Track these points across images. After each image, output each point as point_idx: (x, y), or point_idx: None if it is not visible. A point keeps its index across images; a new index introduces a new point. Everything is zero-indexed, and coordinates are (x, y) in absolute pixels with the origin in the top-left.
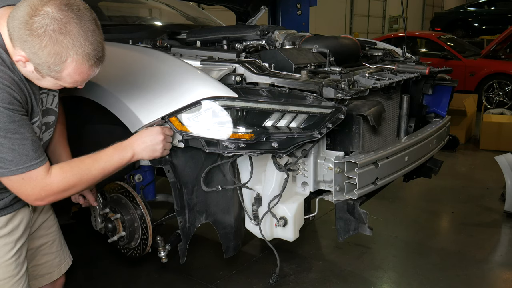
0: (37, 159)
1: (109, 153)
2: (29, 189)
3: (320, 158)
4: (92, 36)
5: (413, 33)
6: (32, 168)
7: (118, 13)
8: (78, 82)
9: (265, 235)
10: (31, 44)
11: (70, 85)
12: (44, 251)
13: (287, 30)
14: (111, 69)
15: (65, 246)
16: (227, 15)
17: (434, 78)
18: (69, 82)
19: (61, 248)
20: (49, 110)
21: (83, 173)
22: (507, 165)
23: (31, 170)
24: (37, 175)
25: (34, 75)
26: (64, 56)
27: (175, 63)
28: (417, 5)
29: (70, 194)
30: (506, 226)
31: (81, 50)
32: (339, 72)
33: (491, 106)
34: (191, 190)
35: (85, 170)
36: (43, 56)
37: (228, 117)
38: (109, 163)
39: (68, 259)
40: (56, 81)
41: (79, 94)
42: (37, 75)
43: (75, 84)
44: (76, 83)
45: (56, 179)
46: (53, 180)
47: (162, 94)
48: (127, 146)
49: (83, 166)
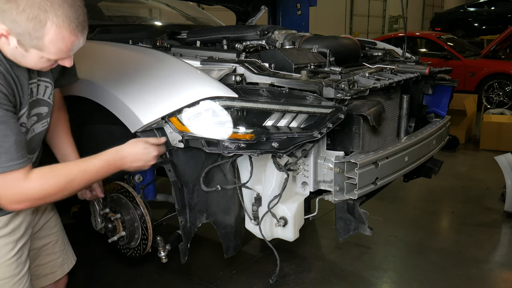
0: (19, 159)
1: (98, 166)
2: (4, 190)
3: (320, 158)
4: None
5: (413, 33)
6: (11, 169)
7: (118, 13)
8: (63, 51)
9: (265, 235)
10: (9, 12)
11: (55, 56)
12: (47, 251)
13: (287, 30)
14: (111, 68)
15: (68, 246)
16: (227, 15)
17: (434, 78)
18: (53, 52)
19: (64, 248)
20: (41, 101)
21: (66, 183)
22: (507, 165)
23: (10, 170)
24: (15, 177)
25: (18, 51)
26: (44, 19)
27: (175, 63)
28: (417, 5)
29: (49, 201)
30: (506, 226)
31: (60, 12)
32: (339, 72)
33: (491, 106)
34: (192, 190)
35: (68, 180)
36: (22, 22)
37: (228, 117)
38: (95, 176)
39: (72, 258)
40: (40, 53)
41: (79, 94)
42: (21, 51)
43: (60, 54)
44: (61, 53)
45: (36, 185)
46: (32, 185)
47: (162, 94)
48: (117, 162)
49: (67, 176)
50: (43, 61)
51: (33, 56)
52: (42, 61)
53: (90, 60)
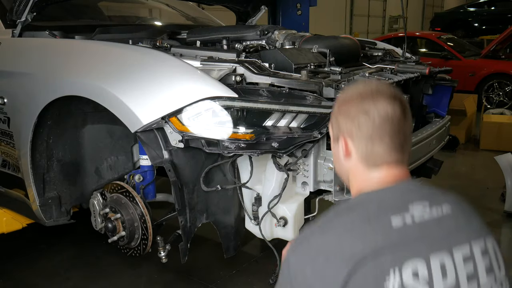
0: None
1: None
2: None
3: (320, 158)
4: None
5: (413, 33)
6: None
7: (118, 13)
8: None
9: (265, 235)
10: None
11: None
12: None
13: (287, 30)
14: (111, 68)
15: None
16: (227, 15)
17: (434, 78)
18: None
19: None
20: None
21: None
22: (507, 165)
23: None
24: None
25: None
26: None
27: (175, 63)
28: (417, 5)
29: None
30: (506, 226)
31: None
32: (339, 72)
33: (491, 106)
34: (192, 190)
35: None
36: None
37: (228, 117)
38: None
39: None
40: None
41: (79, 94)
42: None
43: None
44: None
45: None
46: None
47: (162, 94)
48: None
49: None
50: None
51: None
52: None
53: (90, 60)
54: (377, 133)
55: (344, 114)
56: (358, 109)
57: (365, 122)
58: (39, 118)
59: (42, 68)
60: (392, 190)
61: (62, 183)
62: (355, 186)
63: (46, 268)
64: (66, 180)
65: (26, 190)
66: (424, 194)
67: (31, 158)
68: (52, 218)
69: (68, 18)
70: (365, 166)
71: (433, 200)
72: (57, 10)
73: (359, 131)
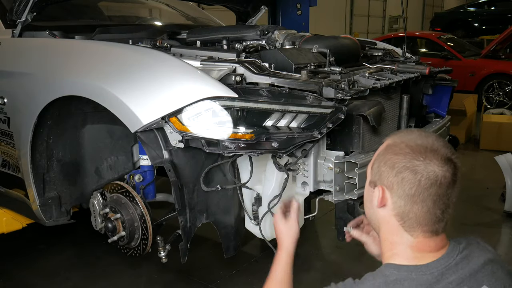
0: None
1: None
2: None
3: (320, 158)
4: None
5: (413, 33)
6: None
7: (118, 13)
8: None
9: (265, 235)
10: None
11: None
12: None
13: (287, 30)
14: (111, 69)
15: None
16: (227, 15)
17: (434, 78)
18: None
19: None
20: None
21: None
22: (507, 165)
23: None
24: None
25: None
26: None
27: (175, 63)
28: (417, 5)
29: None
30: (506, 226)
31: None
32: (339, 72)
33: (491, 106)
34: (192, 190)
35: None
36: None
37: (228, 117)
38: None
39: None
40: None
41: (79, 94)
42: None
43: None
44: None
45: None
46: None
47: (162, 94)
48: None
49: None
50: None
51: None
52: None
53: (90, 60)
54: (419, 195)
55: (389, 166)
56: (406, 165)
57: (409, 180)
58: (39, 118)
59: (42, 68)
60: (431, 269)
61: (62, 183)
62: (387, 240)
63: (46, 268)
64: (66, 180)
65: (26, 190)
66: (463, 278)
67: (31, 158)
68: (52, 218)
69: (68, 18)
70: (400, 224)
71: (472, 284)
72: (57, 10)
73: (401, 188)
